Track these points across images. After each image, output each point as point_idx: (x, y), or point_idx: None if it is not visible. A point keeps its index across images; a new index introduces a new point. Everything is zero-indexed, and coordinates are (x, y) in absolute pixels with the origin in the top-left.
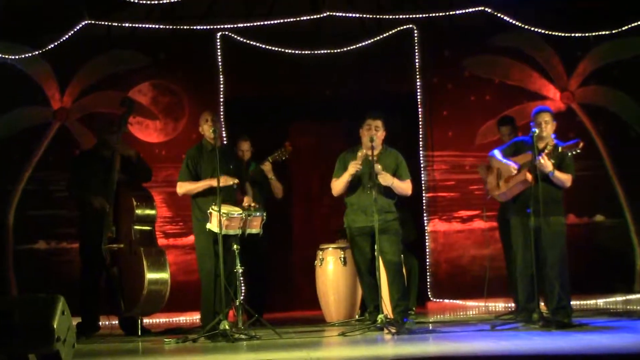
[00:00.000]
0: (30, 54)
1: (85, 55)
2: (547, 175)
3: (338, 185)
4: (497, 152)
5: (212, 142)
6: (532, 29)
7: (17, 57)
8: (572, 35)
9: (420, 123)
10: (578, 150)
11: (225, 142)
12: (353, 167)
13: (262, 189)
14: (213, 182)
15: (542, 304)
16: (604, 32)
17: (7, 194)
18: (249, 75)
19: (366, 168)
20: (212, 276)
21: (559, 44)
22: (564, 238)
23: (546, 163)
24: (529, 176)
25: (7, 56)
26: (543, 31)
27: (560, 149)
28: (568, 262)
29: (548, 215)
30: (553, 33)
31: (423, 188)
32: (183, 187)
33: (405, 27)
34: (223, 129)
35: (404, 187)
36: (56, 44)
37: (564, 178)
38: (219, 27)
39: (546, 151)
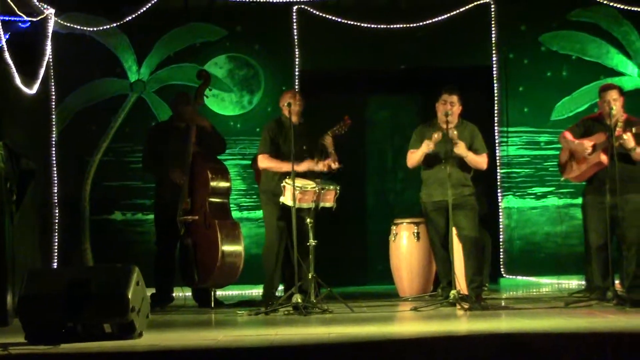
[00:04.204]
0: (108, 26)
1: (163, 27)
2: (626, 152)
3: (413, 158)
4: (567, 134)
5: (290, 119)
6: (611, 4)
7: (95, 29)
8: None
9: (495, 98)
10: None
11: (302, 121)
12: (426, 146)
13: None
14: (296, 168)
15: (616, 282)
16: None
17: (85, 164)
18: (324, 49)
19: (442, 143)
20: (274, 248)
21: (637, 19)
22: None
23: (630, 139)
24: (604, 157)
25: (85, 28)
26: (621, 6)
27: (634, 128)
28: None
29: (626, 194)
30: (632, 8)
31: (497, 164)
32: (266, 162)
33: (482, 1)
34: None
35: (479, 160)
36: (134, 16)
37: None
38: (295, 0)
39: (618, 128)
